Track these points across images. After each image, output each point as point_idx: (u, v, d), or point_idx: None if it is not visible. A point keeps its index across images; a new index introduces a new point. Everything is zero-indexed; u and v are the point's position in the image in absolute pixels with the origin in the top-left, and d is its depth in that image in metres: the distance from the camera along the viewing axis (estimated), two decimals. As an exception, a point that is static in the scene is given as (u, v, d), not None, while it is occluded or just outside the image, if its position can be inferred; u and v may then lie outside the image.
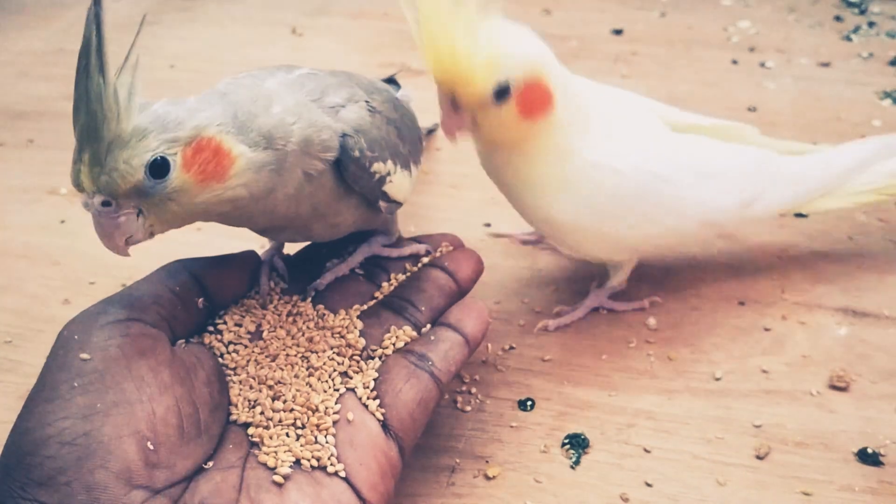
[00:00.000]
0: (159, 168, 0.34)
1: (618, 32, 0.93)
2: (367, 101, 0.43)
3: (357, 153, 0.40)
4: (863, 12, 0.97)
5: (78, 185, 0.34)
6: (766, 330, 0.54)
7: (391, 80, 0.60)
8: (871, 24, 0.94)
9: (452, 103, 0.44)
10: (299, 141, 0.38)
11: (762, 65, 0.85)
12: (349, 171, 0.40)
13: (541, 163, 0.48)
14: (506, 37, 0.44)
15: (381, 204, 0.44)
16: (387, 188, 0.43)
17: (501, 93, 0.43)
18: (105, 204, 0.34)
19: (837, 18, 0.95)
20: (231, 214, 0.38)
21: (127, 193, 0.34)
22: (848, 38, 0.91)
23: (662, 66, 0.85)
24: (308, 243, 0.49)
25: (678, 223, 0.51)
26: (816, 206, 0.57)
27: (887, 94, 0.80)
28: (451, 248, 0.49)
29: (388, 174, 0.43)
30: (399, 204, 0.46)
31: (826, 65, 0.85)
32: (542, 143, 0.47)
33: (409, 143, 0.46)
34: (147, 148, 0.33)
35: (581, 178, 0.48)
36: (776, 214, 0.55)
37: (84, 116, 0.32)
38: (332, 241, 0.46)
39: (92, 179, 0.33)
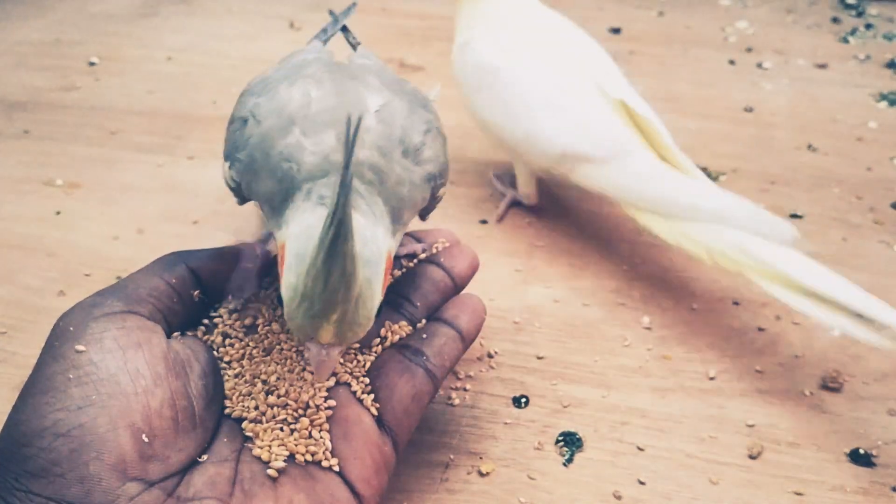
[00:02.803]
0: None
1: (616, 31, 0.93)
2: (431, 123, 0.42)
3: (440, 193, 0.43)
4: (860, 14, 0.97)
5: (315, 338, 0.32)
6: (760, 330, 0.54)
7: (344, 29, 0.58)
8: (868, 27, 0.94)
9: None
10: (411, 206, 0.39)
11: (759, 65, 0.86)
12: (427, 207, 0.42)
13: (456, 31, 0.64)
14: None
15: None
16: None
17: None
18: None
19: (835, 20, 0.96)
20: None
21: None
22: (845, 40, 0.91)
23: (660, 65, 0.86)
24: None
25: (532, 135, 0.59)
26: (647, 221, 0.55)
27: (884, 97, 0.80)
28: (447, 244, 0.49)
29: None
30: None
31: (823, 66, 0.85)
32: (459, 14, 0.64)
33: None
34: (376, 294, 0.33)
35: (455, 52, 0.63)
36: (606, 191, 0.57)
37: (338, 279, 0.30)
38: None
39: (337, 335, 0.32)
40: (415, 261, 0.47)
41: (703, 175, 0.56)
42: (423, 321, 0.43)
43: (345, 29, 0.56)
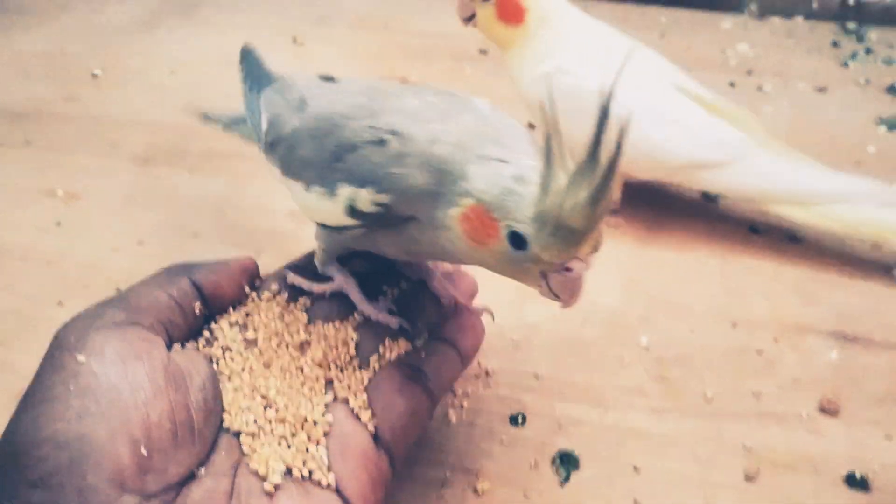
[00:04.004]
0: None
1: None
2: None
3: None
4: (860, 39, 0.98)
5: (595, 248, 0.35)
6: (758, 352, 0.54)
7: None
8: (868, 51, 0.95)
9: None
10: None
11: (759, 88, 0.86)
12: None
13: (517, 65, 0.64)
14: None
15: None
16: None
17: None
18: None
19: (835, 44, 0.96)
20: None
21: None
22: (845, 65, 0.92)
23: (661, 86, 0.86)
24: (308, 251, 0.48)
25: (649, 150, 0.61)
26: (781, 210, 0.62)
27: (883, 121, 0.80)
28: (449, 266, 0.49)
29: None
30: None
31: (823, 90, 0.86)
32: (518, 49, 0.63)
33: None
34: None
35: (537, 83, 0.62)
36: (731, 191, 0.63)
37: (609, 197, 0.32)
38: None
39: (598, 241, 0.34)
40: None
41: (807, 157, 0.63)
42: (423, 339, 0.43)
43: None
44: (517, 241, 0.34)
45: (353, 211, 0.39)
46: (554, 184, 0.32)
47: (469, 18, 0.64)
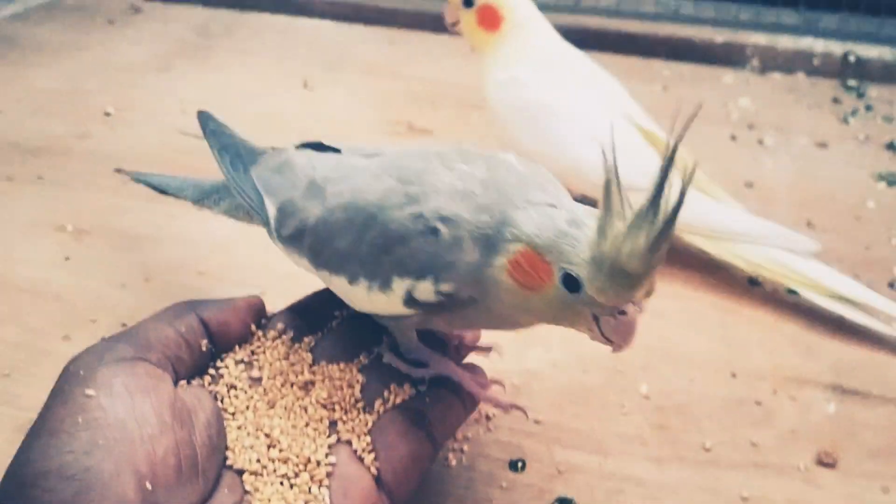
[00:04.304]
0: None
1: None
2: None
3: None
4: (861, 96, 0.99)
5: (649, 293, 0.35)
6: (757, 403, 0.55)
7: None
8: (868, 108, 0.96)
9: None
10: None
11: (760, 142, 0.87)
12: None
13: (487, 68, 0.71)
14: None
15: None
16: None
17: (468, 2, 0.69)
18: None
19: (836, 101, 0.98)
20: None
21: None
22: (845, 121, 0.93)
23: (663, 137, 0.87)
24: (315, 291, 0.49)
25: (577, 166, 0.64)
26: (693, 240, 0.66)
27: (882, 177, 0.82)
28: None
29: None
30: None
31: (823, 145, 0.87)
32: (491, 53, 0.70)
33: None
34: None
35: (497, 88, 0.70)
36: None
37: (667, 245, 0.33)
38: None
39: (653, 285, 0.35)
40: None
41: (729, 198, 0.68)
42: (427, 384, 0.44)
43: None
44: (571, 283, 0.35)
45: (412, 302, 0.39)
46: (612, 228, 0.33)
47: (454, 24, 0.72)
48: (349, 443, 0.40)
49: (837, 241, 0.71)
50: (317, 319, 0.46)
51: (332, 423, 0.40)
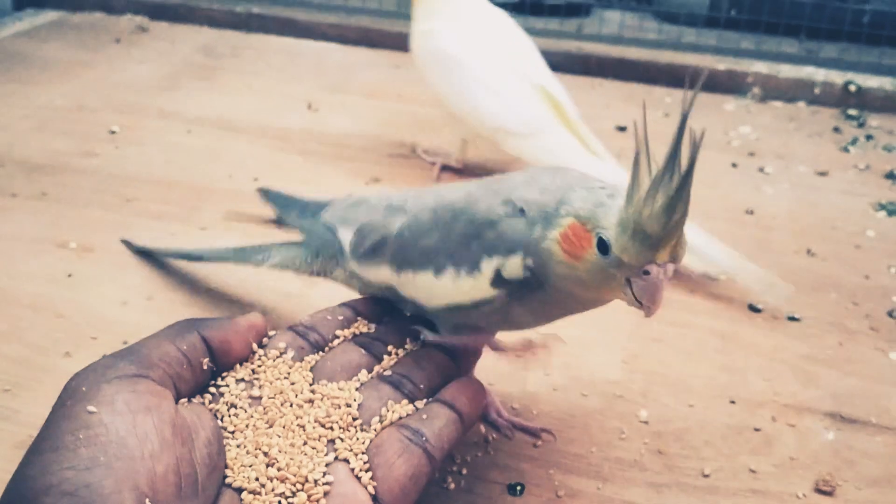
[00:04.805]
0: None
1: (622, 129, 0.96)
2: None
3: None
4: (861, 125, 1.00)
5: (674, 258, 0.38)
6: (756, 430, 0.55)
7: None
8: (868, 137, 0.97)
9: None
10: None
11: (761, 170, 0.88)
12: None
13: (414, 19, 0.80)
14: None
15: None
16: None
17: None
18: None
19: (836, 130, 0.99)
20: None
21: None
22: (846, 150, 0.94)
23: (665, 164, 0.88)
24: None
25: (475, 111, 0.77)
26: None
27: (882, 206, 0.82)
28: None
29: None
30: None
31: (823, 174, 0.88)
32: (419, 4, 0.80)
33: None
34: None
35: (418, 37, 0.80)
36: (525, 159, 0.77)
37: (683, 207, 0.36)
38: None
39: (672, 254, 0.38)
40: (419, 343, 0.48)
41: (611, 158, 0.74)
42: (424, 402, 0.44)
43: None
44: (603, 246, 0.38)
45: (498, 281, 0.43)
46: (636, 193, 0.37)
47: None
48: (347, 461, 0.40)
49: (837, 270, 0.72)
50: (318, 339, 0.46)
51: (331, 442, 0.40)
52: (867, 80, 1.05)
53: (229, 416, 0.40)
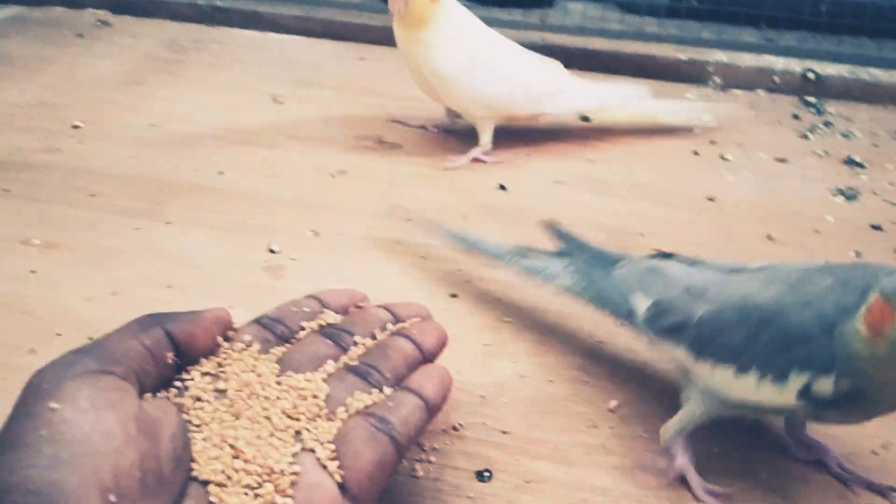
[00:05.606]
0: None
1: (585, 119, 0.97)
2: None
3: None
4: (820, 113, 1.02)
5: None
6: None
7: None
8: (827, 124, 0.99)
9: None
10: None
11: (722, 157, 0.89)
12: None
13: (434, 35, 0.82)
14: None
15: None
16: None
17: None
18: None
19: (795, 117, 1.00)
20: None
21: None
22: (805, 137, 0.95)
23: (627, 153, 0.89)
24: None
25: (507, 92, 0.86)
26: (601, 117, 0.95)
27: (840, 192, 0.84)
28: (418, 318, 0.50)
29: None
30: None
31: (783, 160, 0.89)
32: (437, 24, 0.82)
33: None
34: None
35: (450, 45, 0.83)
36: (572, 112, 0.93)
37: None
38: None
39: None
40: (385, 332, 0.49)
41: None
42: (391, 390, 0.44)
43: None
44: None
45: (806, 394, 0.44)
46: None
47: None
48: (313, 451, 0.40)
49: (797, 255, 0.73)
50: (284, 332, 0.47)
51: (298, 433, 0.41)
52: (826, 68, 1.07)
53: (195, 409, 0.40)
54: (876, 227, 0.78)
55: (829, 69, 1.07)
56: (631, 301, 0.54)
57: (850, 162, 0.90)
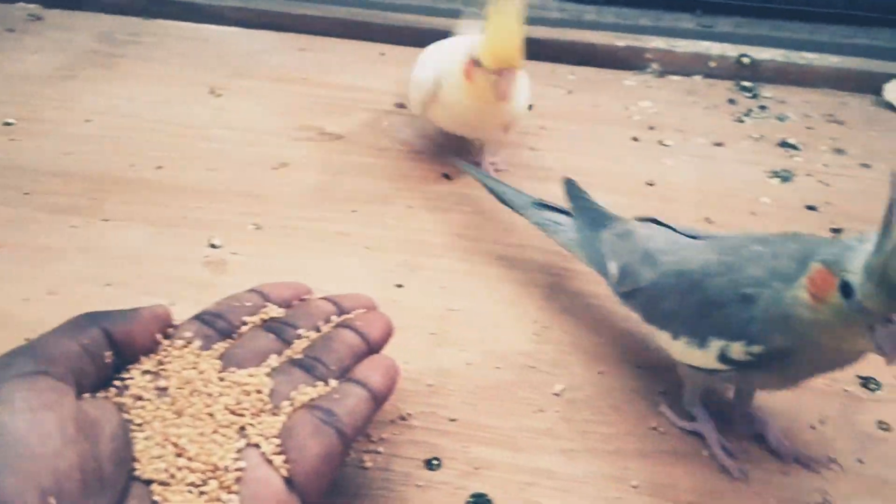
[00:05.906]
0: None
1: (528, 108, 0.97)
2: None
3: None
4: (755, 97, 1.04)
5: None
6: (661, 393, 0.57)
7: None
8: (762, 108, 1.01)
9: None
10: None
11: (661, 142, 0.91)
12: None
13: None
14: None
15: None
16: None
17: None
18: None
19: (731, 101, 1.02)
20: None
21: None
22: (741, 121, 0.97)
23: (569, 140, 0.90)
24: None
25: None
26: None
27: (776, 174, 0.85)
28: (363, 309, 0.50)
29: None
30: None
31: (720, 144, 0.91)
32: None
33: None
34: None
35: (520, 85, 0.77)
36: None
37: None
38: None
39: None
40: (330, 324, 0.48)
41: None
42: (337, 382, 0.44)
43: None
44: (846, 290, 0.39)
45: (724, 359, 0.46)
46: (887, 242, 0.36)
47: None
48: (258, 446, 0.40)
49: (735, 236, 0.74)
50: (225, 327, 0.46)
51: (242, 429, 0.40)
52: (760, 53, 1.09)
53: (136, 408, 0.40)
54: (811, 208, 0.80)
55: (764, 54, 1.09)
56: (607, 264, 0.56)
57: (784, 144, 0.92)
